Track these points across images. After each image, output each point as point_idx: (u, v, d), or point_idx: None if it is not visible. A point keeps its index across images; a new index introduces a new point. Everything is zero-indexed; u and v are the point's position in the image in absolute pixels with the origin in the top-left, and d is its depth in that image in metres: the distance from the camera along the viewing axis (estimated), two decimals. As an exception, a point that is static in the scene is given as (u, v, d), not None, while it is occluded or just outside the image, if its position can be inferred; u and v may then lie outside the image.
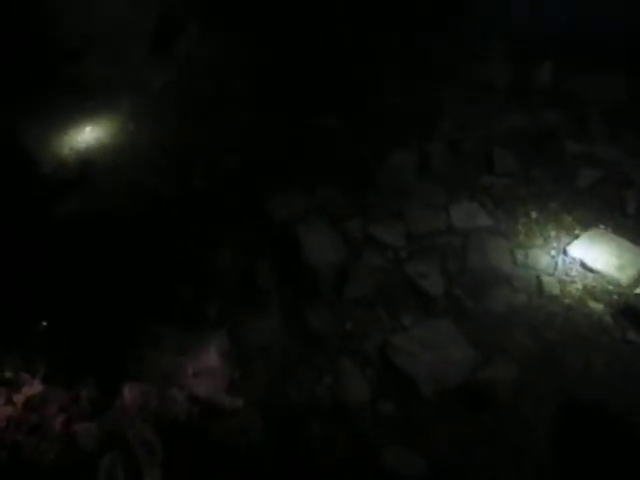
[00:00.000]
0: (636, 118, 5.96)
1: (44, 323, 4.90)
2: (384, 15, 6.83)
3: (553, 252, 5.31)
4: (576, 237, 5.40)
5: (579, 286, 5.10)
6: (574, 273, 5.18)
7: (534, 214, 5.59)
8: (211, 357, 4.59)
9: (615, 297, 4.99)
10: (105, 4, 6.24)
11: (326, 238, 5.40)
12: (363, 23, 6.82)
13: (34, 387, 4.38)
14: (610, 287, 5.06)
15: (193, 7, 6.82)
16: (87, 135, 6.34)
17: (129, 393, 4.27)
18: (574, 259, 5.25)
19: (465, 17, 6.58)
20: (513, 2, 6.16)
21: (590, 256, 5.29)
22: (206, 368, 4.54)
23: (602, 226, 5.48)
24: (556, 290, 5.08)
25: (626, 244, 5.38)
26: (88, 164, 6.03)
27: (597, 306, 4.98)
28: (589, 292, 5.04)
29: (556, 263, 5.24)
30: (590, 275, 5.16)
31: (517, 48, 6.48)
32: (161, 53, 6.68)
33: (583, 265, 5.22)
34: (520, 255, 5.31)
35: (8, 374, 4.44)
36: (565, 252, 5.33)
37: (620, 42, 5.85)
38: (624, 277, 5.17)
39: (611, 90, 6.13)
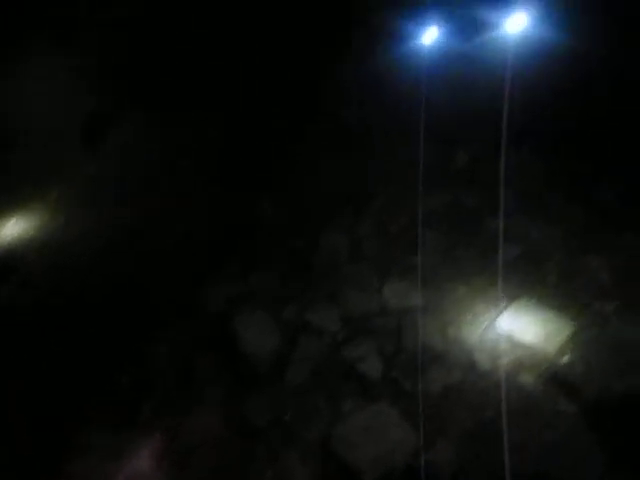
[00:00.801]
0: (549, 195, 6.28)
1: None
2: (316, 98, 7.07)
3: (483, 327, 5.49)
4: (503, 311, 5.61)
5: (509, 359, 5.26)
6: (504, 346, 5.35)
7: (462, 290, 5.78)
8: (144, 462, 4.48)
9: (544, 367, 5.16)
10: (38, 99, 6.28)
11: (262, 326, 5.45)
12: (297, 107, 7.04)
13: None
14: (538, 358, 5.25)
15: (127, 99, 6.91)
16: (16, 224, 6.26)
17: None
18: (503, 333, 5.44)
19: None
20: (434, 88, 6.47)
21: (518, 328, 5.49)
22: (138, 475, 4.41)
23: (526, 298, 5.70)
24: (488, 365, 5.23)
25: (550, 314, 5.61)
26: (18, 252, 5.94)
27: (528, 378, 5.13)
28: (519, 365, 5.20)
29: (486, 338, 5.41)
30: (519, 347, 5.34)
31: (438, 131, 6.79)
32: (93, 144, 6.70)
33: (512, 338, 5.41)
34: (452, 332, 5.47)
35: None
36: (494, 326, 5.52)
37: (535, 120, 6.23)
38: (551, 347, 5.38)
39: (528, 169, 6.46)
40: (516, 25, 4.95)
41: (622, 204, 5.73)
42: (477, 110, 7.05)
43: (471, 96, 7.09)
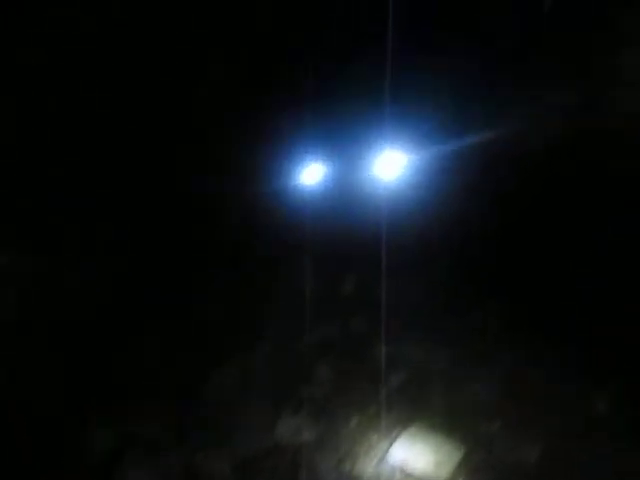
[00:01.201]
0: (433, 319, 6.60)
1: None
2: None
3: (376, 459, 5.57)
4: (395, 439, 5.73)
5: (404, 491, 5.36)
6: (398, 477, 5.44)
7: (355, 421, 5.87)
8: None
9: (438, 495, 5.27)
10: None
11: (146, 476, 5.27)
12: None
13: None
14: (432, 487, 5.36)
15: None
16: None
17: None
18: (396, 463, 5.54)
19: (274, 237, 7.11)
20: (317, 220, 6.73)
21: (410, 457, 5.61)
22: None
23: (417, 424, 5.86)
24: (383, 500, 5.30)
25: (440, 439, 5.79)
26: None
27: (423, 510, 5.23)
28: (414, 496, 5.29)
29: (380, 471, 5.49)
30: (412, 477, 5.45)
31: (324, 257, 7.05)
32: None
33: (404, 468, 5.52)
34: (347, 467, 5.52)
35: None
36: (387, 457, 5.62)
37: (416, 249, 6.56)
38: (443, 473, 5.52)
39: (411, 295, 6.79)
40: (392, 165, 5.28)
41: (503, 326, 6.07)
42: (361, 237, 7.39)
43: (354, 225, 7.44)
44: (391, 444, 5.60)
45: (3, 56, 5.08)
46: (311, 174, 5.81)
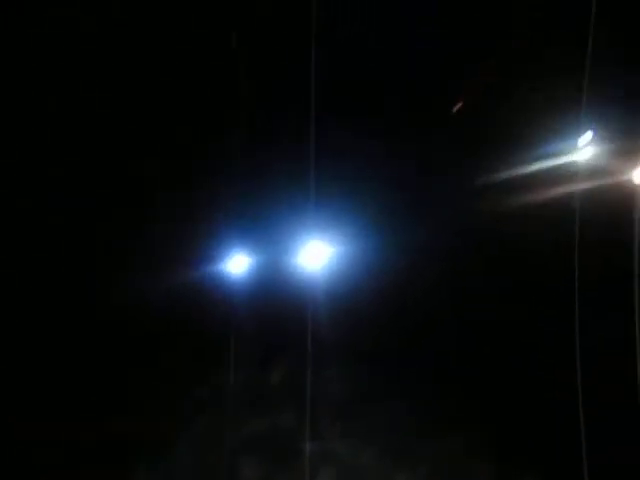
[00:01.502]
0: (360, 410, 6.54)
1: None
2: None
3: None
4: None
5: None
6: None
7: (281, 520, 5.65)
8: None
9: None
10: None
11: None
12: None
13: None
14: None
15: None
16: None
17: None
18: None
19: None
20: (242, 310, 6.66)
21: None
22: None
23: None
24: None
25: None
26: None
27: None
28: None
29: None
30: None
31: (249, 353, 6.94)
32: None
33: None
34: None
35: None
36: None
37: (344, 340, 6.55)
38: None
39: (338, 387, 6.73)
40: (318, 254, 5.30)
41: (428, 420, 6.05)
42: (289, 327, 7.32)
43: (281, 315, 7.38)
44: None
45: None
46: (236, 263, 5.75)
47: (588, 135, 2.07)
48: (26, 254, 5.90)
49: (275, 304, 6.07)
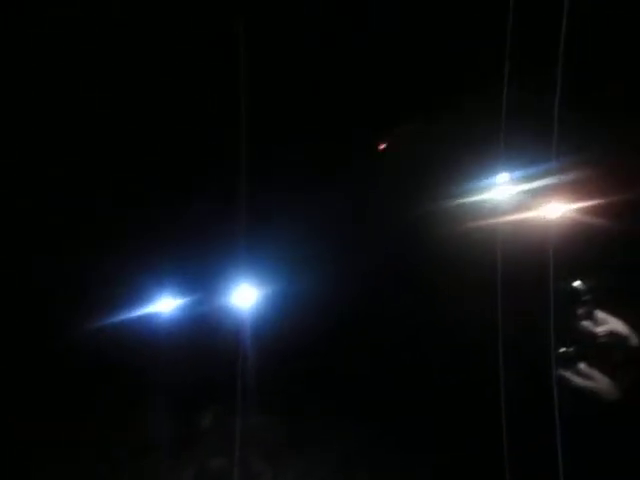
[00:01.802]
0: (289, 452, 6.43)
1: None
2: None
3: None
4: None
5: None
6: None
7: None
8: None
9: None
10: None
11: None
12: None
13: None
14: None
15: None
16: None
17: None
18: None
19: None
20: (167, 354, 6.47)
21: None
22: None
23: None
24: None
25: None
26: None
27: None
28: None
29: None
30: None
31: (177, 397, 6.71)
32: None
33: None
34: None
35: None
36: None
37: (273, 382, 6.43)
38: None
39: (273, 431, 6.61)
40: (247, 296, 5.24)
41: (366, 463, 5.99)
42: (215, 372, 7.12)
43: (208, 359, 7.20)
44: None
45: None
46: (164, 307, 5.60)
47: (505, 174, 2.18)
48: None
49: (204, 345, 5.94)
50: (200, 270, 4.89)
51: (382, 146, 3.14)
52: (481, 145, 2.32)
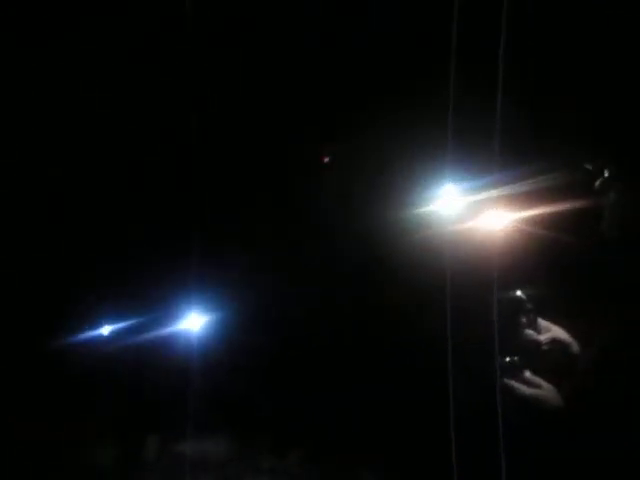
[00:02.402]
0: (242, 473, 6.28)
1: None
2: None
3: None
4: None
5: None
6: None
7: None
8: None
9: None
10: None
11: None
12: None
13: None
14: None
15: None
16: None
17: None
18: None
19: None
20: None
21: None
22: None
23: None
24: None
25: None
26: None
27: None
28: None
29: None
30: None
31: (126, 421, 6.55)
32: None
33: None
34: None
35: None
36: None
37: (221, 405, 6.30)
38: None
39: (222, 455, 6.48)
40: (195, 322, 5.16)
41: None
42: (163, 397, 6.94)
43: (156, 384, 7.04)
44: None
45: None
46: (111, 330, 5.45)
47: (450, 185, 2.19)
48: None
49: (152, 371, 5.81)
50: (150, 295, 4.79)
51: (325, 160, 3.15)
52: (426, 156, 2.34)
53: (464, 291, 2.05)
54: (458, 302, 2.00)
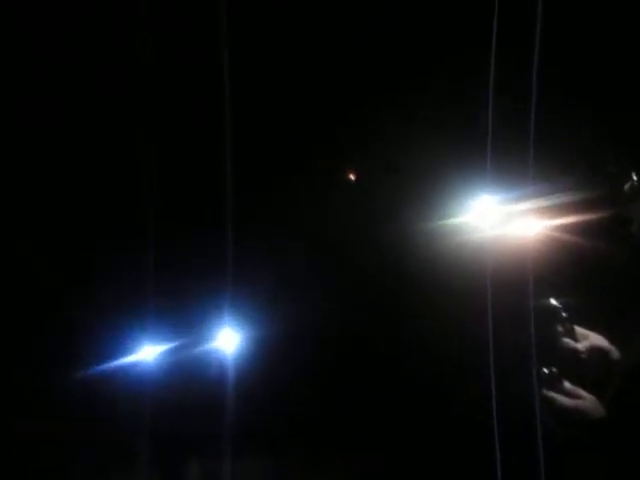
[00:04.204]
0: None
1: None
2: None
3: None
4: None
5: None
6: None
7: None
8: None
9: None
10: None
11: None
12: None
13: None
14: None
15: None
16: None
17: None
18: None
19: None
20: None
21: None
22: None
23: None
24: None
25: None
26: None
27: None
28: None
29: None
30: None
31: (166, 435, 6.55)
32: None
33: None
34: None
35: None
36: None
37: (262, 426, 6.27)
38: None
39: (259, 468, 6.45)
40: (229, 341, 5.16)
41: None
42: (202, 420, 6.90)
43: (193, 407, 7.02)
44: None
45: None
46: (146, 353, 5.44)
47: (488, 196, 2.18)
48: None
49: (189, 394, 5.80)
50: (183, 315, 4.83)
51: (352, 176, 3.16)
52: (465, 165, 2.33)
53: (502, 301, 2.04)
54: (497, 312, 1.99)
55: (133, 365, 5.39)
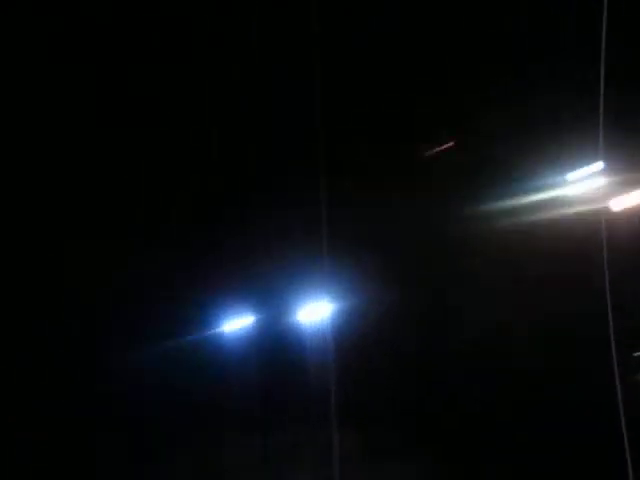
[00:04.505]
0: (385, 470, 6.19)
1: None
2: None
3: None
4: None
5: None
6: None
7: None
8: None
9: None
10: None
11: None
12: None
13: None
14: None
15: None
16: None
17: None
18: None
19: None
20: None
21: None
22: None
23: None
24: None
25: None
26: None
27: None
28: None
29: None
30: None
31: (252, 416, 6.54)
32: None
33: None
34: None
35: None
36: None
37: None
38: None
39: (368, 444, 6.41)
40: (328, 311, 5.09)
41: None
42: (299, 390, 6.80)
43: (291, 375, 6.97)
44: None
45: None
46: (244, 325, 5.43)
47: (598, 165, 2.04)
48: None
49: (289, 361, 5.77)
50: (279, 287, 4.81)
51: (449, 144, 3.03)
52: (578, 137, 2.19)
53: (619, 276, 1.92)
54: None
55: (228, 335, 5.34)
